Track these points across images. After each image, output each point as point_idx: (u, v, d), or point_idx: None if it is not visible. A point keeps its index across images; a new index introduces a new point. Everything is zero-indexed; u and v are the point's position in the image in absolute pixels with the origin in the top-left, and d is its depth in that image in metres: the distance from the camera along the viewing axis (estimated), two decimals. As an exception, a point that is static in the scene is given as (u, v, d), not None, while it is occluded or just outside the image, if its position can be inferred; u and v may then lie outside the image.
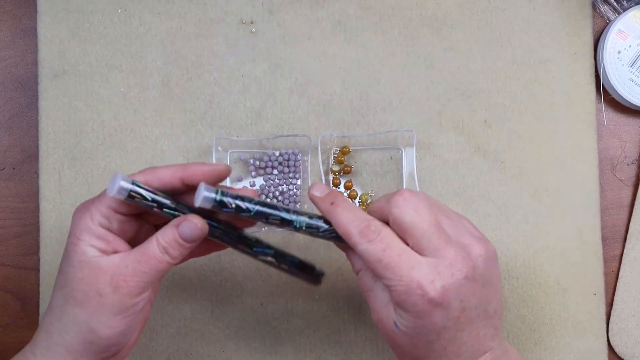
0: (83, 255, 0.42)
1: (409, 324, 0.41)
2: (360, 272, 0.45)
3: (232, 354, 0.59)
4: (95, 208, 0.43)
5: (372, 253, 0.41)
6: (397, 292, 0.41)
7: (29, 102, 0.61)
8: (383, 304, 0.43)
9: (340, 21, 0.61)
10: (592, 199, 0.60)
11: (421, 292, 0.40)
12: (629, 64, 0.60)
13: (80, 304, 0.42)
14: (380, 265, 0.41)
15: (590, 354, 0.59)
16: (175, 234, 0.43)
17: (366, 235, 0.42)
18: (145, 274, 0.42)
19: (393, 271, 0.41)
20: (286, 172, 0.59)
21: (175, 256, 0.43)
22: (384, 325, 0.43)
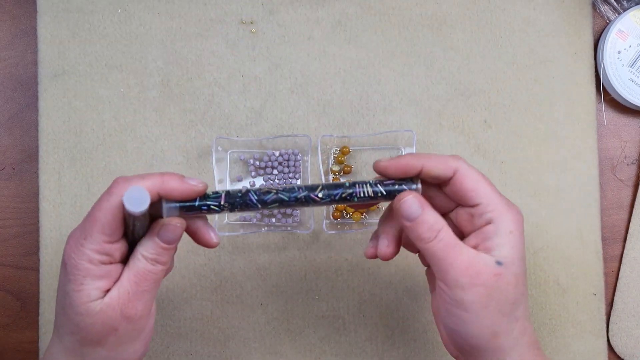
0: (88, 300, 0.41)
1: (513, 251, 0.42)
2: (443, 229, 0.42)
3: (232, 354, 0.59)
4: (90, 248, 0.40)
5: (475, 172, 0.43)
6: (501, 211, 0.42)
7: (28, 102, 0.61)
8: (473, 254, 0.42)
9: (340, 21, 0.61)
10: (592, 199, 0.60)
11: (516, 210, 0.43)
12: (629, 64, 0.60)
13: (99, 344, 0.42)
14: (485, 183, 0.43)
15: (590, 354, 0.59)
16: (158, 242, 0.42)
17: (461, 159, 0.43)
18: (146, 292, 0.42)
19: (494, 191, 0.43)
20: (286, 172, 0.59)
21: (165, 261, 0.42)
22: (482, 275, 0.41)
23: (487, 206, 0.42)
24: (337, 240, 0.59)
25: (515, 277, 0.42)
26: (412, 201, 0.42)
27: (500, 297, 0.41)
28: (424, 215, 0.42)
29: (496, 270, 0.41)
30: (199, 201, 0.42)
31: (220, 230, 0.57)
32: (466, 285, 0.41)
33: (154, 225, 0.42)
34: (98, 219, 0.40)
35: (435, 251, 0.42)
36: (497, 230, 0.42)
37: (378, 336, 0.59)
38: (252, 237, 0.59)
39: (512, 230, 0.42)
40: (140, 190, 0.38)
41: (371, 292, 0.59)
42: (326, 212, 0.58)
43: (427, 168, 0.43)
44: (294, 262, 0.59)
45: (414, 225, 0.42)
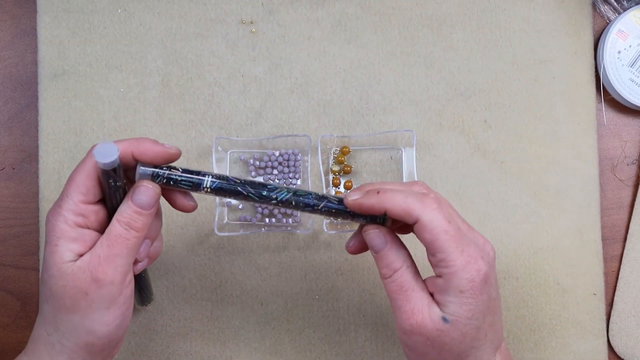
0: (61, 261, 0.41)
1: (461, 311, 0.41)
2: (400, 270, 0.42)
3: (232, 354, 0.59)
4: (66, 208, 0.42)
5: (439, 222, 0.41)
6: (456, 269, 0.40)
7: (28, 102, 0.61)
8: (425, 302, 0.42)
9: (340, 21, 0.61)
10: (592, 199, 0.60)
11: (478, 267, 0.41)
12: (629, 64, 0.60)
13: (71, 309, 0.42)
14: (446, 237, 0.40)
15: (590, 354, 0.59)
16: (132, 206, 0.42)
17: (429, 204, 0.41)
18: (118, 257, 0.42)
19: (455, 245, 0.40)
20: (286, 172, 0.59)
21: (140, 227, 0.43)
22: (425, 327, 0.41)
23: (441, 262, 0.41)
24: (337, 240, 0.59)
25: (462, 335, 0.41)
26: (376, 235, 0.43)
27: (443, 349, 0.42)
28: (387, 251, 0.43)
29: (440, 327, 0.41)
30: (167, 169, 0.43)
31: (220, 230, 0.57)
32: (408, 331, 0.42)
33: (131, 190, 0.43)
34: (73, 180, 0.42)
35: (388, 289, 0.43)
36: (447, 287, 0.41)
37: (378, 336, 0.59)
38: (252, 237, 0.59)
39: (463, 291, 0.41)
40: (109, 145, 0.40)
41: (371, 292, 0.59)
42: (326, 212, 0.58)
43: (390, 213, 0.42)
44: (294, 262, 0.59)
45: (377, 257, 0.44)
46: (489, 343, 0.43)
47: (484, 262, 0.41)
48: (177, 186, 0.44)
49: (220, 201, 0.58)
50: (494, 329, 0.43)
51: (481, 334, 0.42)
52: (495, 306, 0.43)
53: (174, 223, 0.59)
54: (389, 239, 0.43)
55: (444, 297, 0.41)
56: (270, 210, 0.59)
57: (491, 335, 0.43)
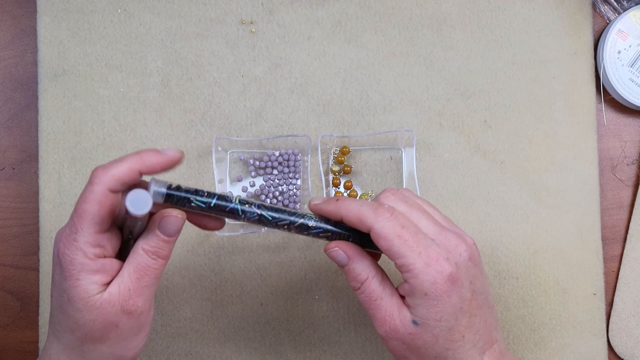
0: (86, 295, 0.40)
1: (429, 313, 0.41)
2: (367, 281, 0.44)
3: (232, 354, 0.59)
4: (83, 241, 0.40)
5: (391, 229, 0.41)
6: (416, 272, 0.41)
7: (28, 102, 0.61)
8: (395, 308, 0.43)
9: (340, 21, 0.61)
10: (592, 199, 0.60)
11: (439, 268, 0.41)
12: (629, 64, 0.60)
13: (100, 340, 0.41)
14: (400, 242, 0.41)
15: (590, 354, 0.59)
16: (159, 235, 0.42)
17: (381, 214, 0.42)
18: (147, 287, 0.42)
19: (412, 248, 0.41)
20: (286, 172, 0.59)
21: (166, 255, 0.42)
22: (398, 332, 0.42)
23: (401, 267, 0.42)
24: (337, 240, 0.59)
25: (433, 337, 0.42)
26: (336, 253, 0.44)
27: (419, 352, 0.43)
28: (350, 265, 0.44)
29: (411, 330, 0.42)
30: (185, 193, 0.42)
31: (220, 230, 0.57)
32: (385, 337, 0.43)
33: (154, 218, 0.42)
34: (86, 211, 0.40)
35: (360, 301, 0.44)
36: (412, 290, 0.42)
37: (378, 336, 0.59)
38: (252, 237, 0.59)
39: (427, 293, 0.41)
40: (142, 193, 0.38)
41: (371, 292, 0.59)
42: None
43: (345, 220, 0.44)
44: (294, 262, 0.59)
45: (344, 272, 0.45)
46: (470, 345, 0.43)
47: (448, 263, 0.41)
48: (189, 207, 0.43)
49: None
50: (474, 330, 0.43)
51: (456, 336, 0.42)
52: (472, 307, 0.43)
53: (174, 223, 0.59)
54: (351, 253, 0.44)
55: (412, 301, 0.42)
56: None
57: (471, 337, 0.43)
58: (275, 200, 0.58)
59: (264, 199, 0.59)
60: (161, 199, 0.41)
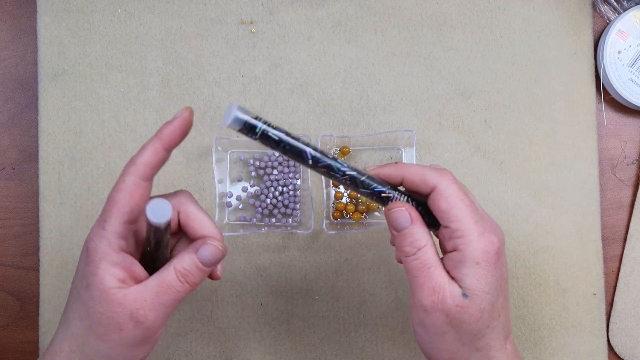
0: (103, 286, 0.40)
1: (478, 284, 0.41)
2: (425, 247, 0.42)
3: (232, 354, 0.59)
4: (110, 230, 0.40)
5: (454, 191, 0.41)
6: (470, 239, 0.41)
7: (28, 102, 0.61)
8: (445, 279, 0.41)
9: (340, 21, 0.61)
10: (592, 199, 0.60)
11: (491, 239, 0.41)
12: (629, 64, 0.60)
13: (102, 337, 0.41)
14: (462, 205, 0.41)
15: (590, 354, 0.60)
16: (195, 260, 0.41)
17: (445, 175, 0.42)
18: (164, 306, 0.41)
19: (470, 215, 0.41)
20: (286, 172, 0.59)
21: (194, 283, 0.42)
22: (446, 304, 0.41)
23: (456, 231, 0.41)
24: (337, 240, 0.59)
25: (479, 311, 0.41)
26: (401, 213, 0.43)
27: (461, 328, 0.42)
28: (411, 229, 0.42)
29: (460, 302, 0.41)
30: (263, 124, 0.40)
31: (220, 230, 0.57)
32: (428, 309, 0.41)
33: (196, 244, 0.42)
34: (116, 200, 0.40)
35: (410, 268, 0.42)
36: (462, 259, 0.41)
37: (378, 336, 0.59)
38: (252, 237, 0.59)
39: (479, 262, 0.41)
40: (163, 203, 0.38)
41: (371, 292, 0.59)
42: (326, 212, 0.58)
43: (407, 180, 0.43)
44: (294, 262, 0.59)
45: (400, 236, 0.43)
46: (501, 327, 0.43)
47: (497, 237, 0.42)
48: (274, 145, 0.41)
49: (220, 201, 0.58)
50: (505, 312, 0.43)
51: (495, 313, 0.42)
52: (506, 288, 0.43)
53: (174, 223, 0.59)
54: (415, 216, 0.43)
55: (460, 271, 0.41)
56: (270, 211, 0.59)
57: (503, 319, 0.43)
58: (276, 200, 0.58)
59: (264, 198, 0.59)
60: (238, 126, 0.40)
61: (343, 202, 0.59)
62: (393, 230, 0.43)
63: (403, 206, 0.43)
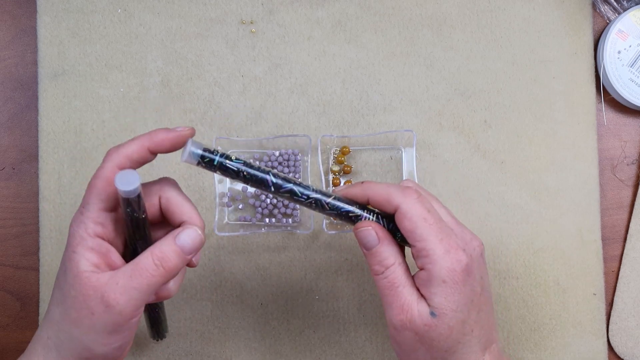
0: (77, 269, 0.40)
1: (446, 302, 0.41)
2: (392, 266, 0.43)
3: (232, 354, 0.59)
4: (87, 216, 0.41)
5: (418, 211, 0.41)
6: (435, 258, 0.41)
7: (28, 102, 0.61)
8: (414, 298, 0.42)
9: (340, 21, 0.61)
10: (592, 199, 0.60)
11: (458, 257, 0.41)
12: (629, 64, 0.60)
13: (75, 322, 0.41)
14: (425, 224, 0.41)
15: (590, 354, 0.59)
16: (173, 245, 0.41)
17: (409, 194, 0.42)
18: (136, 290, 0.40)
19: (434, 233, 0.41)
20: (286, 172, 0.59)
21: (171, 269, 0.41)
22: (414, 322, 0.42)
23: (421, 251, 0.41)
24: (337, 240, 0.59)
25: (448, 329, 0.41)
26: (368, 232, 0.43)
27: (431, 345, 0.42)
28: (379, 248, 0.43)
29: (428, 321, 0.41)
30: (219, 157, 0.42)
31: (220, 230, 0.57)
32: (398, 327, 0.42)
33: (176, 230, 0.42)
34: (94, 186, 0.41)
35: (380, 286, 0.43)
36: (429, 278, 0.41)
37: (378, 336, 0.59)
38: (252, 237, 0.59)
39: (446, 280, 0.41)
40: (132, 173, 0.39)
41: (371, 292, 0.59)
42: (326, 212, 0.58)
43: (372, 201, 0.43)
44: (294, 262, 0.59)
45: (368, 255, 0.43)
46: (476, 340, 0.43)
47: (465, 254, 0.42)
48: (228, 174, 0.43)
49: (220, 201, 0.58)
50: (480, 326, 0.43)
51: (467, 329, 0.42)
52: (481, 303, 0.43)
53: (174, 223, 0.59)
54: (382, 235, 0.43)
55: (428, 290, 0.41)
56: (270, 211, 0.59)
57: (478, 332, 0.43)
58: (276, 200, 0.58)
59: (264, 198, 0.59)
60: (196, 159, 0.42)
61: (343, 202, 0.59)
62: (362, 249, 0.44)
63: (369, 225, 0.43)
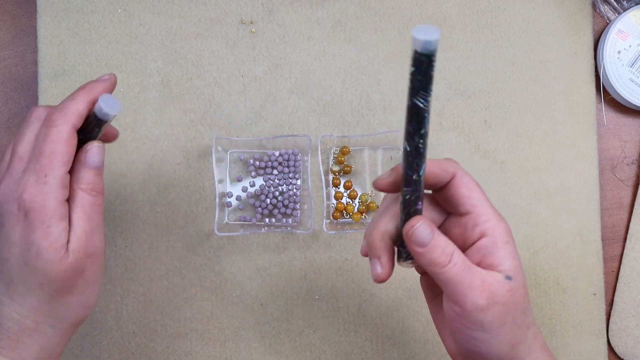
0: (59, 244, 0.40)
1: (514, 262, 0.40)
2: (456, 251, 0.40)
3: (232, 354, 0.59)
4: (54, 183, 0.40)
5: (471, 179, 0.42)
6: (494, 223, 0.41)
7: (28, 102, 0.61)
8: (484, 272, 0.41)
9: (340, 21, 0.61)
10: (592, 199, 0.60)
11: (503, 222, 0.42)
12: (629, 64, 0.60)
13: (69, 291, 0.41)
14: (479, 190, 0.42)
15: (590, 354, 0.59)
16: (91, 171, 0.42)
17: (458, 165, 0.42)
18: (98, 226, 0.42)
19: (486, 200, 0.42)
20: (286, 172, 0.59)
21: (101, 189, 0.43)
22: (498, 294, 0.40)
23: (481, 216, 0.41)
24: (337, 240, 0.59)
25: (523, 287, 0.41)
26: (422, 227, 0.40)
27: (515, 311, 0.41)
28: (436, 240, 0.40)
29: (509, 286, 0.40)
30: None
31: (220, 230, 0.57)
32: (485, 307, 0.40)
33: (78, 157, 0.42)
34: (55, 151, 0.40)
35: (451, 276, 0.40)
36: (494, 242, 0.41)
37: (378, 336, 0.59)
38: (252, 237, 0.59)
39: (508, 241, 0.41)
40: (111, 97, 0.42)
41: (371, 292, 0.59)
42: (326, 212, 0.58)
43: (427, 172, 0.42)
44: (294, 262, 0.59)
45: (427, 251, 0.40)
46: (528, 300, 0.43)
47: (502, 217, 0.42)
48: None
49: (220, 201, 0.58)
50: None
51: (526, 287, 0.42)
52: None
53: (174, 223, 0.59)
54: (433, 227, 0.41)
55: (496, 256, 0.40)
56: (270, 211, 0.59)
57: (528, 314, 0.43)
58: (276, 200, 0.58)
59: (264, 198, 0.59)
60: None
61: (343, 202, 0.59)
62: (417, 247, 0.41)
63: (420, 219, 0.41)
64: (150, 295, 0.59)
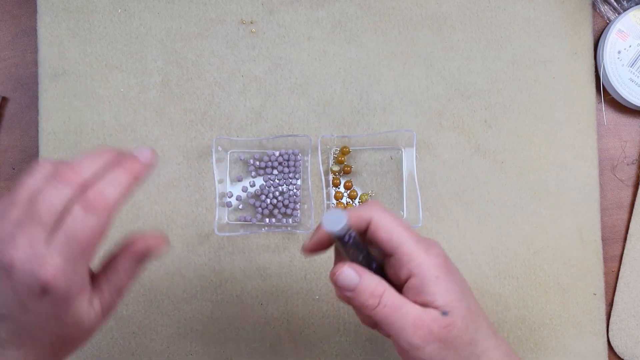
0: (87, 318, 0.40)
1: (449, 295, 0.40)
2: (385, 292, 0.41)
3: (232, 354, 0.59)
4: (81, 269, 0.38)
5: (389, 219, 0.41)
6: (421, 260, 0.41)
7: (29, 102, 0.61)
8: (419, 309, 0.41)
9: (340, 21, 0.61)
10: (592, 199, 0.60)
11: (435, 252, 0.42)
12: (629, 64, 0.60)
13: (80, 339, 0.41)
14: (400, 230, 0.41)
15: (590, 354, 0.59)
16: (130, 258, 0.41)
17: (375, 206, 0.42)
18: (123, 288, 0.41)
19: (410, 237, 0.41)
20: (286, 172, 0.59)
21: None
22: (433, 331, 0.40)
23: (403, 256, 0.41)
24: (337, 240, 0.59)
25: (463, 320, 0.41)
26: (347, 272, 0.41)
27: (456, 344, 0.41)
28: (363, 282, 0.41)
29: (444, 322, 0.40)
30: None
31: (220, 230, 0.57)
32: (419, 345, 0.40)
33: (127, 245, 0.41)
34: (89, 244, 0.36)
35: (382, 317, 0.41)
36: (422, 281, 0.40)
37: (378, 336, 0.59)
38: (252, 237, 0.59)
39: (438, 276, 0.40)
40: (338, 212, 0.39)
41: (371, 292, 0.59)
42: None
43: None
44: (294, 262, 0.59)
45: (355, 295, 0.41)
46: (485, 324, 0.42)
47: (437, 247, 0.42)
48: None
49: (220, 201, 0.58)
50: (480, 309, 0.43)
51: (474, 315, 0.42)
52: (469, 289, 0.43)
53: (174, 223, 0.59)
54: (359, 270, 0.41)
55: (427, 293, 0.40)
56: (270, 211, 0.59)
57: (482, 316, 0.42)
58: (276, 200, 0.58)
59: (264, 198, 0.59)
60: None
61: (343, 202, 0.59)
62: (346, 292, 0.41)
63: (344, 265, 0.41)
64: (150, 295, 0.59)
